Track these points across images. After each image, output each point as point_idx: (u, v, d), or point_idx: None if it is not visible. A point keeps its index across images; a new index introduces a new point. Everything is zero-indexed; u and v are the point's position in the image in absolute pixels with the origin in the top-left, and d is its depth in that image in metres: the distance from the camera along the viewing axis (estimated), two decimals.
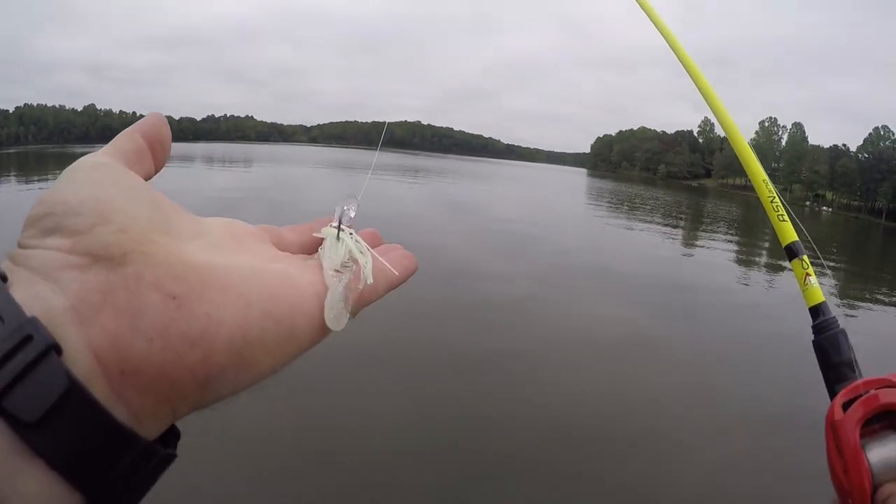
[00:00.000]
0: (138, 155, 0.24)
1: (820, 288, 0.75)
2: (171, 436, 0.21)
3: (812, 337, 0.70)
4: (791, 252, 0.80)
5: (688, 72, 0.95)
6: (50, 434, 0.16)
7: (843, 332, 0.67)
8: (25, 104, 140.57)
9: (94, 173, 0.21)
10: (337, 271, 0.26)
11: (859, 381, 0.58)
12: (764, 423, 3.71)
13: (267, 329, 0.21)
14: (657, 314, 6.11)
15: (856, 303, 8.39)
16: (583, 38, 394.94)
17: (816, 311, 0.72)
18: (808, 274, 0.77)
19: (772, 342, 5.28)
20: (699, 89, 0.93)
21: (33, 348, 0.16)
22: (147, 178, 0.24)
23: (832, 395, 0.61)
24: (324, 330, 0.24)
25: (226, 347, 0.19)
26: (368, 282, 0.27)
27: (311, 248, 0.29)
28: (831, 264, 11.82)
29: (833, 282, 9.42)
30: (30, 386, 0.16)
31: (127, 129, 0.25)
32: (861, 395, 0.56)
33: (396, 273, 0.29)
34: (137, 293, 0.18)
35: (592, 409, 3.66)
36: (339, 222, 0.30)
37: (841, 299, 8.36)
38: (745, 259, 12.16)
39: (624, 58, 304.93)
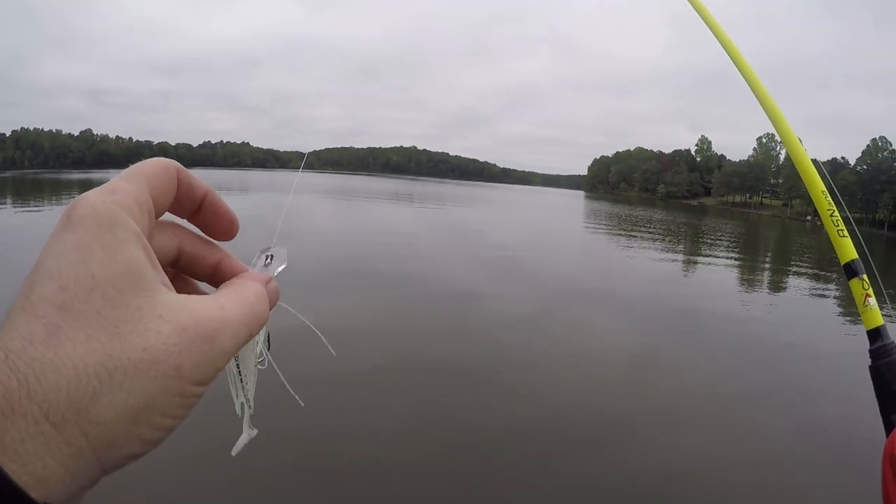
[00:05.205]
0: None
1: (879, 310, 0.71)
2: None
3: (869, 362, 0.67)
4: (850, 271, 0.76)
5: (749, 85, 1.03)
6: None
7: None
8: (22, 128, 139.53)
9: None
10: None
11: None
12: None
13: None
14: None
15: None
16: (578, 61, 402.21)
17: (875, 334, 0.68)
18: (867, 295, 0.73)
19: None
20: (758, 99, 1.01)
21: None
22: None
23: (888, 425, 0.59)
24: None
25: None
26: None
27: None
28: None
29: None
30: None
31: None
32: None
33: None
34: None
35: None
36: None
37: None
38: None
39: (620, 80, 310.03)
